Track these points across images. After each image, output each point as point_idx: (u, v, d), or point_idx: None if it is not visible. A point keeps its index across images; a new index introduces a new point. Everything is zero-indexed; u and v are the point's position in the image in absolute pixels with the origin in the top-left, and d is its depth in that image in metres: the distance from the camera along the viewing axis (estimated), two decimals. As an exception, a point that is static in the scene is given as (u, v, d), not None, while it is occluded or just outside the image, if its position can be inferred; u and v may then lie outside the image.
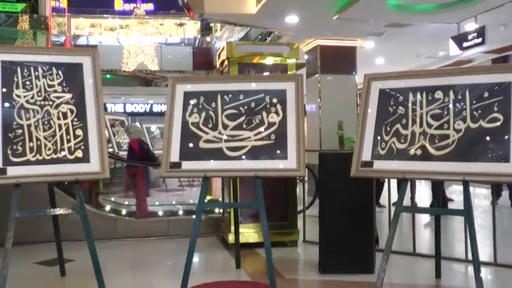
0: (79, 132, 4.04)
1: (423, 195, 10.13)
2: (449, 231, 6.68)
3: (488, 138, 3.60)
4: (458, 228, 6.64)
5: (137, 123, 9.29)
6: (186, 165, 4.20)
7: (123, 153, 10.47)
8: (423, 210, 6.94)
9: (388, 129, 4.04)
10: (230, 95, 4.36)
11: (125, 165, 8.53)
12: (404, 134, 3.96)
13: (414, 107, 3.97)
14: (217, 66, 6.73)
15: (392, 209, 4.72)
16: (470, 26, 9.67)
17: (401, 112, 4.02)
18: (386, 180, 6.64)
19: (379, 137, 4.06)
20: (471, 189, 3.71)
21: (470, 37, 9.69)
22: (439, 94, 3.89)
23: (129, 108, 26.56)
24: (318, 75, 11.04)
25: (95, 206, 7.01)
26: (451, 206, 8.37)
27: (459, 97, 3.79)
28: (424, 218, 7.63)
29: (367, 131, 4.13)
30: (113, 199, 8.88)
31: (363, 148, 4.10)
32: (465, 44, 9.85)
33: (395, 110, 4.05)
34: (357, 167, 4.07)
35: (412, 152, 3.88)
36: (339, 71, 11.07)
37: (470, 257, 4.80)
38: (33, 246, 5.84)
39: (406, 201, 4.81)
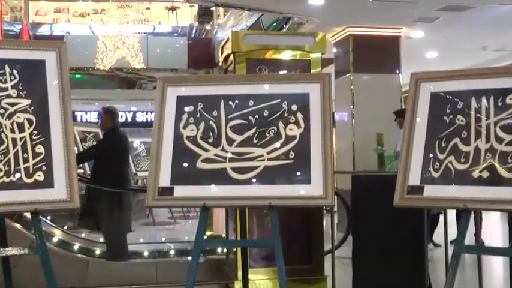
0: (39, 148, 4.05)
1: (492, 230, 10.04)
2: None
3: None
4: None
5: None
6: (180, 191, 4.20)
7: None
8: (492, 251, 6.85)
9: (444, 144, 4.02)
10: (236, 101, 4.37)
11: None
12: (465, 151, 3.93)
13: (478, 115, 3.95)
14: (220, 63, 6.76)
15: (451, 248, 4.67)
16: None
17: (461, 122, 4.00)
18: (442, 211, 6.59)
19: (431, 155, 4.04)
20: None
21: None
22: (512, 99, 3.87)
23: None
24: (350, 74, 11.05)
25: (60, 244, 7.02)
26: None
27: (539, 103, 3.77)
28: (493, 260, 7.54)
29: (415, 147, 4.11)
30: (83, 235, 8.89)
31: (410, 169, 4.07)
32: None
33: (453, 120, 4.03)
34: (402, 193, 4.04)
35: (476, 174, 3.85)
36: (378, 68, 11.08)
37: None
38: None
39: (469, 239, 4.75)
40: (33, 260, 4.31)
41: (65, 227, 8.85)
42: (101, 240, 8.29)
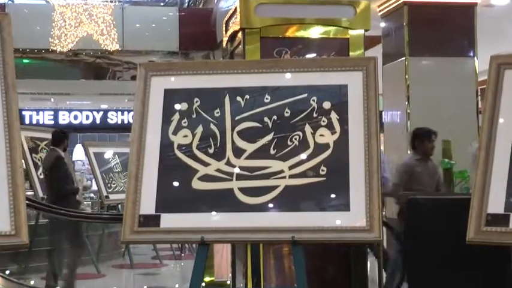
0: (-28, 162, 4.08)
1: None
2: None
3: None
4: None
5: None
6: (169, 221, 4.21)
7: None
8: None
9: (538, 156, 4.02)
10: (247, 96, 4.39)
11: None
12: None
13: None
14: (224, 44, 6.77)
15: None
16: None
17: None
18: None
19: (520, 171, 4.04)
20: None
21: None
22: None
23: (65, 119, 26.76)
24: (404, 58, 11.03)
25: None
26: None
27: None
28: None
29: (496, 160, 4.11)
30: (32, 282, 8.92)
31: (490, 191, 4.06)
32: None
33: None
34: (478, 224, 4.04)
35: None
36: (444, 50, 11.06)
37: None
38: None
39: None
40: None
41: (7, 272, 8.89)
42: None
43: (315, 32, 6.04)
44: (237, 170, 4.27)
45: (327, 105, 4.31)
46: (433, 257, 4.74)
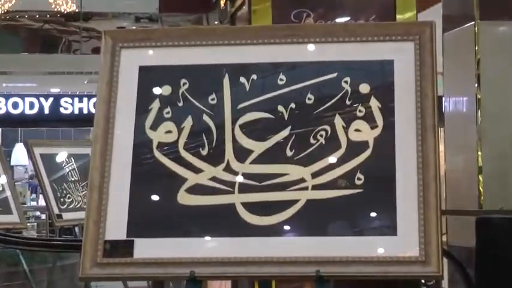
0: None
1: None
2: None
3: None
4: None
5: None
6: (145, 248, 4.21)
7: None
8: None
9: None
10: (254, 76, 4.40)
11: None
12: None
13: None
14: (222, 3, 6.79)
15: None
16: None
17: None
18: None
19: None
20: None
21: None
22: None
23: (0, 107, 26.84)
24: (473, 22, 11.06)
25: None
26: None
27: None
28: None
29: None
30: None
31: None
32: None
33: None
34: None
35: None
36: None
37: None
38: None
39: None
40: None
41: None
42: None
43: (348, -12, 6.07)
44: (240, 179, 4.27)
45: (364, 88, 4.31)
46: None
